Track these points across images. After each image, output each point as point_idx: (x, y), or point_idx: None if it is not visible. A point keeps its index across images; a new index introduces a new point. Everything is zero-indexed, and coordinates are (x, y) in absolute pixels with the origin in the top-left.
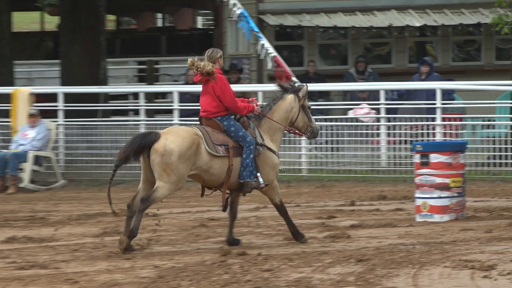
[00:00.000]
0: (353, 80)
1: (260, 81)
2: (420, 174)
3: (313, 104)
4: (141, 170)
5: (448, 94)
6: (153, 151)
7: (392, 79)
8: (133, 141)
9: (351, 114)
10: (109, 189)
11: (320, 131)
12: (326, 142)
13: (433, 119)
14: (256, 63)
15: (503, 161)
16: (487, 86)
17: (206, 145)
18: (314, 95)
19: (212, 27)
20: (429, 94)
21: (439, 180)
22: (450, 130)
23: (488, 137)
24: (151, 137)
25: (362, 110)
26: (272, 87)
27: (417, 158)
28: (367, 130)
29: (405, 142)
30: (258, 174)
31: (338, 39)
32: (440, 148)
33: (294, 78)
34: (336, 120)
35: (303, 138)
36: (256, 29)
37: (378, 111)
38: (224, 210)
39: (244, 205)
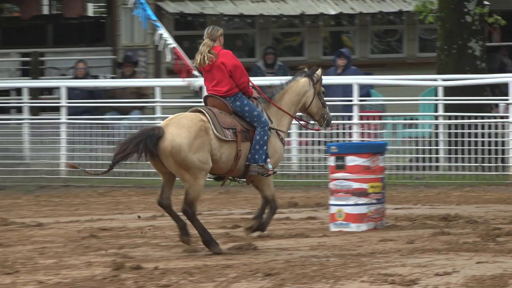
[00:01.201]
0: (261, 74)
1: (157, 75)
2: (335, 178)
3: None
4: (152, 165)
5: (366, 90)
6: (161, 153)
7: None
8: (137, 141)
9: None
10: (94, 173)
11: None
12: None
13: (350, 118)
14: (153, 55)
15: (427, 164)
16: (409, 81)
17: (215, 129)
18: None
19: (104, 15)
20: (346, 90)
21: (356, 185)
22: (369, 129)
23: (410, 137)
24: (155, 135)
25: None
26: (171, 81)
27: (331, 161)
28: None
29: (318, 143)
30: (268, 160)
31: (244, 29)
32: (357, 149)
33: (195, 72)
34: None
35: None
36: (154, 17)
37: None
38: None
39: (139, 213)
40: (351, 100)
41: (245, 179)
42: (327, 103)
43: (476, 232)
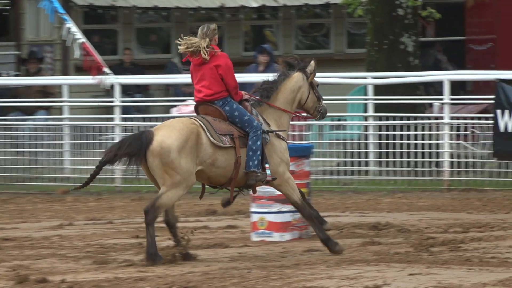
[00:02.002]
0: (177, 71)
1: (65, 72)
2: None
3: (130, 100)
4: (146, 174)
5: None
6: (149, 154)
7: None
8: (128, 145)
9: (174, 112)
10: (84, 185)
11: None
12: None
13: None
14: (60, 51)
15: (355, 168)
16: (337, 79)
17: (209, 134)
18: (130, 89)
19: (7, 7)
20: None
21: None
22: (293, 131)
23: (337, 140)
24: (146, 139)
25: (187, 108)
26: (79, 79)
27: None
28: None
29: None
30: (266, 166)
31: (159, 22)
32: None
33: (106, 69)
34: (156, 119)
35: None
36: (61, 10)
37: None
38: (225, 205)
39: (45, 221)
40: None
41: (248, 188)
42: None
43: (408, 241)
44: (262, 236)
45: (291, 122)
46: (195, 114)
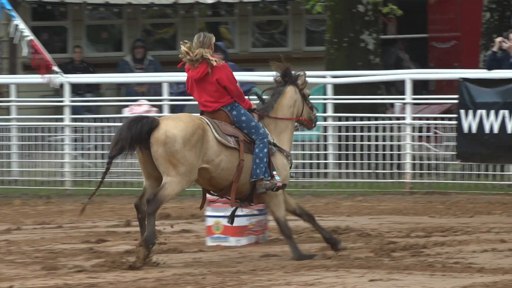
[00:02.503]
0: (130, 70)
1: (13, 70)
2: None
3: (80, 100)
4: (140, 164)
5: (247, 88)
6: (153, 141)
7: (178, 69)
8: (128, 127)
9: (126, 113)
10: (100, 183)
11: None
12: (95, 148)
13: None
14: (8, 49)
15: (314, 170)
16: None
17: (215, 132)
18: (80, 89)
19: None
20: None
21: None
22: None
23: (295, 141)
24: (148, 122)
25: (140, 108)
26: (28, 78)
27: None
28: None
29: None
30: (275, 172)
31: (111, 19)
32: None
33: (55, 68)
34: (108, 119)
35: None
36: (8, 6)
37: (160, 108)
38: (230, 221)
39: None
40: None
41: (250, 201)
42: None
43: (369, 246)
44: (218, 241)
45: None
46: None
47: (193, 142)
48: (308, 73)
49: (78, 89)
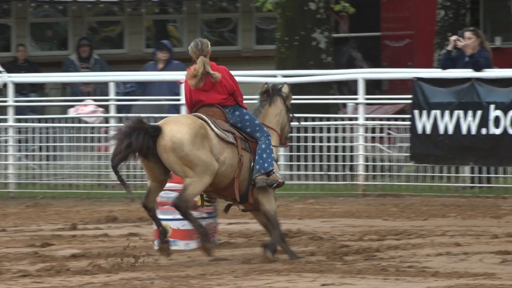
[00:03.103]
0: (75, 69)
1: None
2: None
3: (24, 100)
4: (145, 169)
5: None
6: (162, 150)
7: (125, 68)
8: (130, 137)
9: (72, 113)
10: (125, 185)
11: None
12: (40, 149)
13: None
14: None
15: None
16: (245, 77)
17: (215, 127)
18: (24, 89)
19: None
20: (172, 87)
21: None
22: None
23: None
24: (151, 131)
25: (86, 108)
26: None
27: None
28: (92, 133)
29: None
30: (274, 170)
31: (55, 17)
32: None
33: None
34: (52, 120)
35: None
36: None
37: (107, 109)
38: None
39: None
40: (178, 100)
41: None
42: (156, 102)
43: (321, 250)
44: None
45: None
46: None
47: (199, 141)
48: (258, 72)
49: (22, 89)
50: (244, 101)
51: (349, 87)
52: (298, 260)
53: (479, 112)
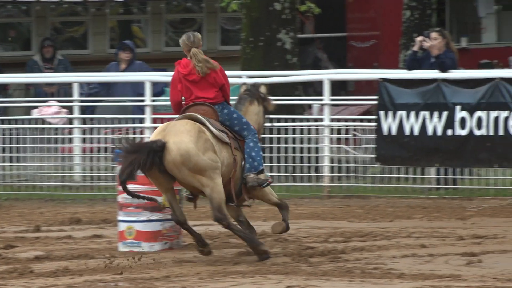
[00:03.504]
0: (38, 70)
1: None
2: None
3: None
4: (154, 182)
5: (159, 88)
6: (172, 166)
7: (88, 69)
8: (135, 153)
9: (35, 114)
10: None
11: None
12: (3, 150)
13: (142, 120)
14: None
15: None
16: None
17: (212, 127)
18: None
19: None
20: (135, 88)
21: None
22: None
23: None
24: (155, 148)
25: (49, 109)
26: None
27: None
28: (56, 134)
29: (106, 149)
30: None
31: (18, 17)
32: None
33: None
34: (16, 121)
35: None
36: None
37: (70, 110)
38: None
39: None
40: (142, 101)
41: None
42: (113, 104)
43: (286, 252)
44: (130, 246)
45: None
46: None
47: (202, 145)
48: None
49: None
50: None
51: (314, 88)
52: (263, 262)
53: (445, 113)
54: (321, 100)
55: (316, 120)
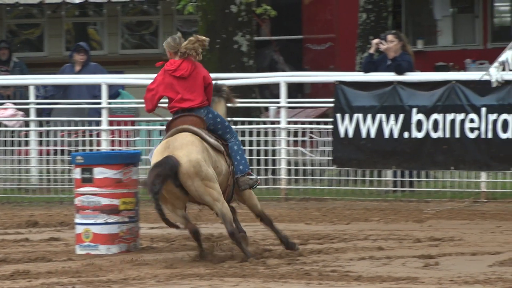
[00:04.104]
0: None
1: None
2: (81, 193)
3: None
4: (173, 199)
5: (115, 91)
6: (186, 178)
7: (44, 71)
8: (163, 169)
9: None
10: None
11: None
12: None
13: (98, 123)
14: None
15: None
16: None
17: (210, 138)
18: None
19: None
20: (91, 90)
21: (105, 201)
22: (120, 137)
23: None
24: (176, 162)
25: (6, 112)
26: None
27: (77, 173)
28: (12, 137)
29: (62, 152)
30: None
31: None
32: (107, 160)
33: None
34: None
35: None
36: None
37: (26, 112)
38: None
39: None
40: (99, 103)
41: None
42: (70, 106)
43: (243, 254)
44: (87, 249)
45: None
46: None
47: (207, 156)
48: None
49: None
50: (163, 105)
51: (271, 90)
52: (220, 265)
53: (401, 116)
54: (277, 102)
55: (273, 122)
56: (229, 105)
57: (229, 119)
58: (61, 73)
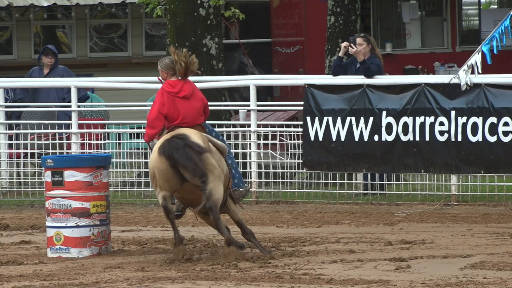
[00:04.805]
0: None
1: None
2: (52, 196)
3: None
4: (164, 180)
5: (84, 94)
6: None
7: (13, 74)
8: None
9: None
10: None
11: None
12: None
13: (68, 126)
14: None
15: None
16: (135, 83)
17: (214, 139)
18: None
19: None
20: (59, 93)
21: (76, 204)
22: (90, 140)
23: (138, 149)
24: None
25: None
26: None
27: (47, 176)
28: None
29: (32, 155)
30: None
31: None
32: (77, 163)
33: None
34: None
35: None
36: None
37: None
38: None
39: None
40: (69, 106)
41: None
42: (39, 109)
43: (215, 257)
44: (59, 252)
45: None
46: None
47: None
48: (148, 79)
49: None
50: (133, 108)
51: (240, 93)
52: (192, 268)
53: (371, 119)
54: (247, 105)
55: (242, 125)
56: None
57: None
58: (29, 76)
